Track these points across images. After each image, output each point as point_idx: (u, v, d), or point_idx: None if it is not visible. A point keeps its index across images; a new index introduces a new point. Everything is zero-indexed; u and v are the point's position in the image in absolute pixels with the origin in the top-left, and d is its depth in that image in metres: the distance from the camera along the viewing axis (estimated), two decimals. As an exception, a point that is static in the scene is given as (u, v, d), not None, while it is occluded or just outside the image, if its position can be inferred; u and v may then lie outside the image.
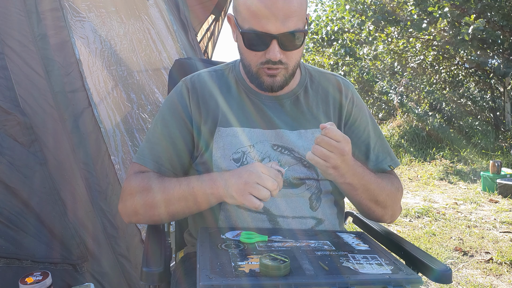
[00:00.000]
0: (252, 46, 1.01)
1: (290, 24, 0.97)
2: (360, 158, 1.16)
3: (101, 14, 2.06)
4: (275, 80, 1.05)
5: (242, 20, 1.00)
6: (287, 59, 1.02)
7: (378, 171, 1.17)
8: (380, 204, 1.09)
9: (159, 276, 0.92)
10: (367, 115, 1.21)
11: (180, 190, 1.00)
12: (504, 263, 2.66)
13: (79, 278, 1.50)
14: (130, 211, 1.07)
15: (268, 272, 0.75)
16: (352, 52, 8.14)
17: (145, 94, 2.18)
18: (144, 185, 1.04)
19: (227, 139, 1.09)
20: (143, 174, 1.07)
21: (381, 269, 0.81)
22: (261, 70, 1.04)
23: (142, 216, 1.06)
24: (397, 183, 1.15)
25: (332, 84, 1.20)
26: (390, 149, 1.23)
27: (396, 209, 1.15)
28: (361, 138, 1.18)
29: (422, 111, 8.27)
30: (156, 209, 1.03)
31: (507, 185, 4.18)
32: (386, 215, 1.14)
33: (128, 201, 1.06)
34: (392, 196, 1.11)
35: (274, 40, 0.98)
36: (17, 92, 1.53)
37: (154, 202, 1.02)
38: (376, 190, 1.06)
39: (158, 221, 1.09)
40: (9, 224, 1.41)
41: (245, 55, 1.05)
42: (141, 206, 1.04)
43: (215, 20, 3.88)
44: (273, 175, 0.92)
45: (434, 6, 6.05)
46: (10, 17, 1.61)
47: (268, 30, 0.96)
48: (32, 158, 1.50)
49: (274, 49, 0.98)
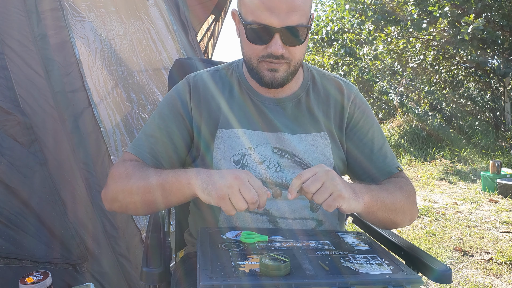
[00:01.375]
0: (254, 39, 1.01)
1: (294, 19, 0.96)
2: (362, 161, 1.14)
3: (101, 14, 2.06)
4: (276, 76, 1.04)
5: (245, 12, 1.01)
6: (290, 54, 1.02)
7: (384, 175, 1.13)
8: (399, 211, 1.04)
9: (159, 276, 0.92)
10: (371, 118, 1.18)
11: (159, 179, 0.96)
12: (504, 263, 2.66)
13: (79, 278, 1.50)
14: (110, 197, 1.04)
15: (268, 272, 0.75)
16: (352, 52, 8.14)
17: (145, 94, 2.18)
18: (128, 172, 1.01)
19: (228, 141, 1.08)
20: (130, 162, 1.04)
21: (381, 269, 0.81)
22: (261, 64, 1.03)
23: (120, 204, 1.02)
24: (407, 186, 1.10)
25: (334, 86, 1.19)
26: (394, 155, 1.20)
27: (414, 212, 1.10)
28: (364, 140, 1.15)
29: (422, 111, 8.27)
30: (133, 196, 0.99)
31: (507, 185, 4.18)
32: (406, 220, 1.09)
33: (110, 186, 1.03)
34: (407, 199, 1.06)
35: (276, 34, 0.97)
36: (17, 92, 1.53)
37: (132, 188, 0.98)
38: (391, 198, 1.02)
39: (133, 210, 1.05)
40: (9, 224, 1.41)
41: (246, 48, 1.05)
42: (121, 192, 1.00)
43: (215, 20, 3.88)
44: (258, 188, 0.87)
45: (434, 6, 6.05)
46: (10, 17, 1.61)
47: (271, 23, 0.96)
48: (32, 158, 1.50)
49: (276, 43, 0.98)
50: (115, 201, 1.03)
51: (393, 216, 1.03)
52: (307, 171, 0.91)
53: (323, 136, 1.12)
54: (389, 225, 1.07)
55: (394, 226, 1.09)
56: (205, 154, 1.10)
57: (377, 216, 1.01)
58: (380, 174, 1.14)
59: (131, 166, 1.02)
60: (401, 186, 1.08)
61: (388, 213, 1.01)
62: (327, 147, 1.11)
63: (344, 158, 1.16)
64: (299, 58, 1.05)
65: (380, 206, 0.99)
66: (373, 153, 1.15)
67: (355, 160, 1.15)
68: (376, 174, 1.13)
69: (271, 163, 1.08)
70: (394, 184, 1.08)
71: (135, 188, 0.98)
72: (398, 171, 1.14)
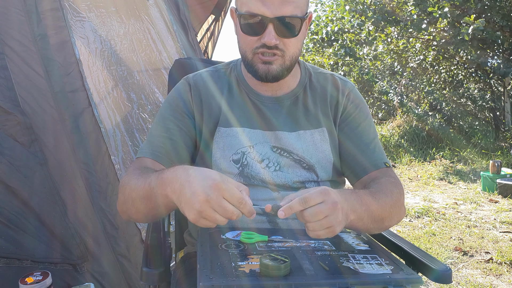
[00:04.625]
0: (248, 30, 1.02)
1: (287, 9, 0.97)
2: (353, 152, 1.13)
3: (101, 14, 2.06)
4: (270, 68, 1.03)
5: (240, 4, 1.02)
6: (284, 46, 1.02)
7: (374, 166, 1.12)
8: (386, 219, 1.02)
9: (159, 276, 0.92)
10: (364, 113, 1.18)
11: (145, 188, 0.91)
12: (504, 263, 2.66)
13: (79, 278, 1.50)
14: (120, 209, 1.03)
15: (268, 272, 0.75)
16: (352, 52, 8.13)
17: (145, 94, 2.18)
18: (130, 182, 0.99)
19: (227, 140, 1.09)
20: (135, 170, 1.03)
21: (381, 269, 0.81)
22: (256, 56, 1.04)
23: (129, 214, 1.01)
24: (397, 187, 1.07)
25: (330, 82, 1.19)
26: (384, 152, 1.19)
27: (401, 214, 1.09)
28: (355, 131, 1.15)
29: (422, 111, 8.27)
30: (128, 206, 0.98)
31: (507, 185, 4.18)
32: (392, 223, 1.07)
33: (119, 198, 1.03)
34: (396, 204, 1.04)
35: (270, 24, 0.98)
36: (17, 92, 1.53)
37: (126, 199, 0.97)
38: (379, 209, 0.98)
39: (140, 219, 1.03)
40: (9, 224, 1.41)
41: (242, 41, 1.06)
42: (123, 203, 1.00)
43: (215, 20, 3.88)
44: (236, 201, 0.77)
45: (434, 6, 6.05)
46: (10, 17, 1.61)
47: (264, 13, 0.97)
48: (32, 158, 1.50)
49: (269, 33, 0.99)
50: (124, 212, 1.03)
51: (379, 225, 1.01)
52: (313, 195, 0.81)
53: (321, 132, 1.12)
54: (374, 231, 1.05)
55: (379, 231, 1.07)
56: (204, 152, 1.10)
57: (362, 227, 0.97)
58: (370, 164, 1.12)
59: (134, 175, 1.00)
60: (391, 189, 1.04)
61: (374, 224, 0.98)
62: (326, 143, 1.12)
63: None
64: (294, 52, 1.05)
65: (366, 220, 0.95)
66: (362, 143, 1.14)
67: (346, 150, 1.15)
68: (365, 164, 1.12)
69: (270, 162, 1.08)
70: (385, 187, 1.04)
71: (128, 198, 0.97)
72: (386, 166, 1.13)
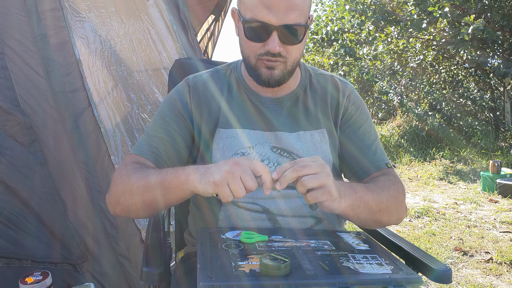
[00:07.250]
0: (252, 37, 1.01)
1: (292, 17, 0.97)
2: (355, 154, 1.14)
3: (101, 14, 2.06)
4: (273, 73, 1.04)
5: (244, 10, 1.02)
6: (287, 53, 1.02)
7: (375, 167, 1.13)
8: (384, 212, 1.03)
9: (159, 276, 0.92)
10: (365, 115, 1.20)
11: (158, 177, 0.95)
12: (504, 263, 2.66)
13: (79, 278, 1.50)
14: (112, 201, 1.03)
15: (268, 272, 0.75)
16: (352, 52, 8.14)
17: (145, 94, 2.18)
18: (128, 173, 1.00)
19: (227, 141, 1.09)
20: (131, 164, 1.04)
21: (381, 269, 0.81)
22: (259, 62, 1.04)
23: (122, 206, 1.01)
24: (396, 185, 1.09)
25: (330, 83, 1.20)
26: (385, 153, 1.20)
27: (401, 211, 1.09)
28: (357, 132, 1.16)
29: (422, 111, 8.27)
30: (134, 196, 0.98)
31: (507, 185, 4.18)
32: (392, 220, 1.08)
33: (112, 189, 1.03)
34: (394, 200, 1.05)
35: (274, 32, 0.98)
36: (17, 92, 1.53)
37: (133, 188, 0.97)
38: (376, 200, 1.00)
39: (134, 212, 1.04)
40: (9, 224, 1.41)
41: (245, 46, 1.05)
42: (122, 193, 0.99)
43: (215, 20, 3.88)
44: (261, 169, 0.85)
45: (434, 6, 6.05)
46: (10, 17, 1.61)
47: (269, 20, 0.97)
48: (32, 158, 1.50)
49: (273, 40, 0.98)
50: (118, 204, 1.02)
51: (377, 217, 1.02)
52: (304, 158, 0.89)
53: (321, 133, 1.13)
54: (373, 225, 1.07)
55: (378, 226, 1.09)
56: (204, 153, 1.11)
57: (358, 217, 0.99)
58: (372, 166, 1.13)
59: (132, 167, 1.02)
60: (389, 186, 1.06)
61: (371, 215, 1.00)
62: (326, 144, 1.12)
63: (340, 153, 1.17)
64: (296, 58, 1.06)
65: (362, 209, 0.97)
66: (364, 145, 1.15)
67: (347, 151, 1.16)
68: (367, 165, 1.13)
69: (270, 162, 1.08)
70: (383, 183, 1.06)
71: (135, 187, 0.97)
72: (387, 167, 1.14)
